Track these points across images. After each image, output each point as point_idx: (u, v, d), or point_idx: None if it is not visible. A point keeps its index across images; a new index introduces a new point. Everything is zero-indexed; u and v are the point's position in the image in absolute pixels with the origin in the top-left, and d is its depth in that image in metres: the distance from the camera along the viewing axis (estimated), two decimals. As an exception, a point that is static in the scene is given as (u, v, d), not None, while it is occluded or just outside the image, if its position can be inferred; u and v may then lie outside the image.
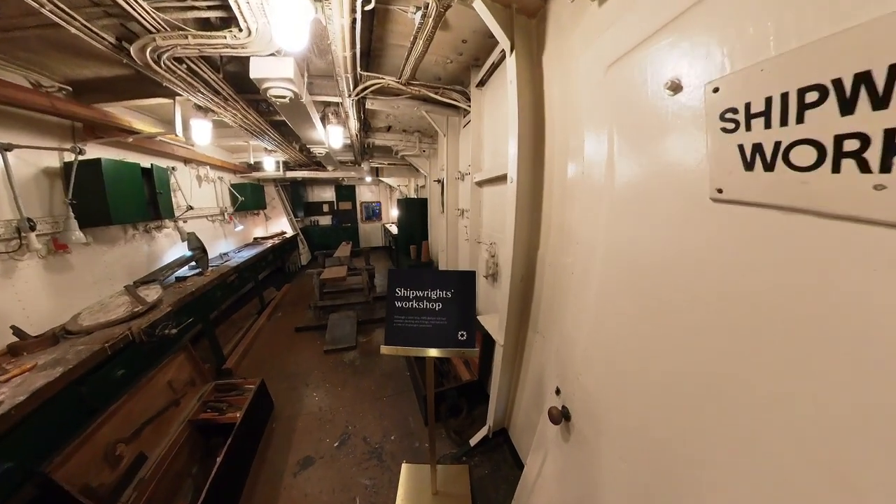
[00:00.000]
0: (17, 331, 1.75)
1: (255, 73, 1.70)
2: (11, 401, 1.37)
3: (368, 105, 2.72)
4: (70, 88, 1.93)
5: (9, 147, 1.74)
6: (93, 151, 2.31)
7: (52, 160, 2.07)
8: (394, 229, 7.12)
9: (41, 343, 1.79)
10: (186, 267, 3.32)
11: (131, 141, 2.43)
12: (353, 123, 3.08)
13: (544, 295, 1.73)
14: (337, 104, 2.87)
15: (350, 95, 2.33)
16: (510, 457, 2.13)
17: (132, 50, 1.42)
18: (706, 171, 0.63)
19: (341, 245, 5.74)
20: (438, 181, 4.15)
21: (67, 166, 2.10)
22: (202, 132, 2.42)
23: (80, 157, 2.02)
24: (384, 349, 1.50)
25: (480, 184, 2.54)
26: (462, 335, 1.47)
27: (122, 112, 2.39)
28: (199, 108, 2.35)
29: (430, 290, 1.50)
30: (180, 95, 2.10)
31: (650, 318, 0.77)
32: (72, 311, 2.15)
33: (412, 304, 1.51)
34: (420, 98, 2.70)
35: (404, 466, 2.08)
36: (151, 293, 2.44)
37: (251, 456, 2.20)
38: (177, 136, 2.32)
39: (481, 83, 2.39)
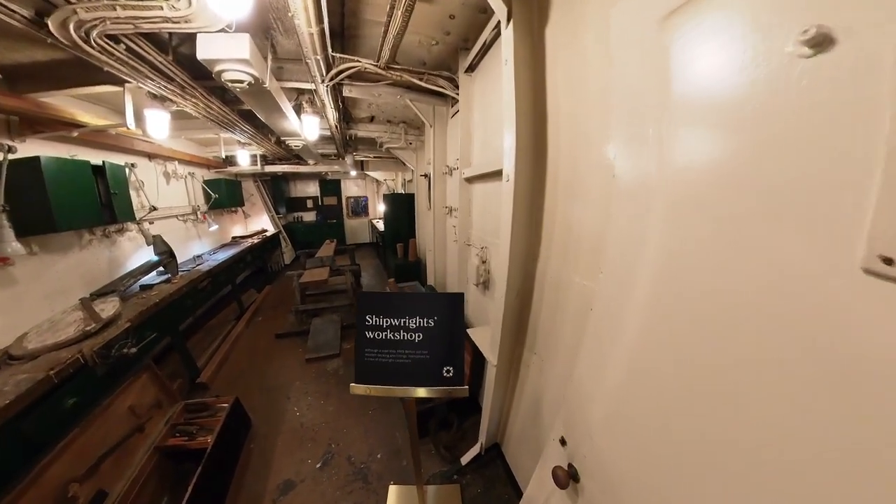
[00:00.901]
0: (-56, 360, 1.58)
1: (203, 52, 1.49)
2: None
3: (346, 92, 2.53)
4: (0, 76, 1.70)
5: None
6: (33, 148, 2.08)
7: None
8: (381, 225, 6.95)
9: (-25, 372, 1.62)
10: (154, 273, 3.12)
11: (76, 135, 2.19)
12: (332, 113, 2.88)
13: (544, 314, 1.59)
14: (311, 91, 2.67)
15: (324, 81, 2.14)
16: (504, 473, 2.08)
17: (51, 26, 1.22)
18: (864, 216, 0.39)
19: (325, 244, 5.55)
20: (425, 176, 4.00)
21: (12, 167, 1.87)
22: (159, 124, 2.20)
23: (12, 156, 1.80)
24: (354, 388, 1.34)
25: (470, 180, 2.41)
26: (448, 371, 1.32)
27: (65, 103, 2.15)
28: (153, 96, 2.13)
29: (407, 317, 1.33)
30: (129, 82, 1.89)
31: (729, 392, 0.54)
32: (17, 331, 1.96)
33: (386, 335, 1.33)
34: (403, 85, 2.53)
35: (392, 488, 2.01)
36: (108, 307, 2.26)
37: (227, 482, 2.08)
38: (129, 128, 2.10)
39: (471, 68, 2.23)
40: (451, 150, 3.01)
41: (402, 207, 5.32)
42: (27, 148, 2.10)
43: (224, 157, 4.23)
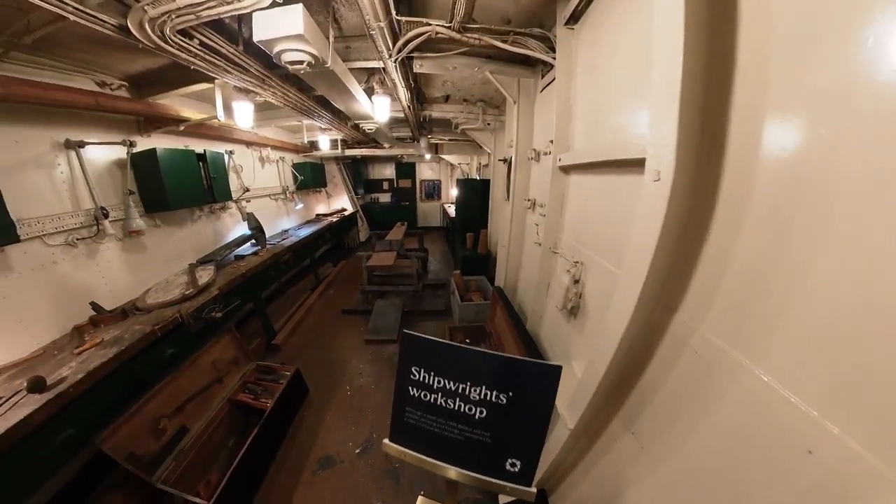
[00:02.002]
0: (95, 306, 2.14)
1: (259, 33, 1.46)
2: (73, 377, 1.65)
3: (417, 68, 2.36)
4: (126, 84, 2.16)
5: (81, 144, 2.05)
6: (154, 142, 2.61)
7: (122, 153, 2.39)
8: (452, 211, 6.87)
9: (113, 318, 2.17)
10: (248, 245, 3.72)
11: (182, 129, 2.67)
12: (403, 93, 2.78)
13: (665, 391, 1.08)
14: (381, 71, 2.60)
15: (391, 56, 1.99)
16: (545, 524, 1.80)
17: (132, 28, 1.37)
18: None
19: (395, 226, 5.79)
20: (504, 161, 3.65)
21: (137, 157, 2.41)
22: (244, 114, 2.48)
23: (137, 149, 2.29)
24: (387, 447, 1.17)
25: (567, 169, 1.99)
26: (513, 465, 1.03)
27: (174, 102, 2.60)
28: (238, 90, 2.39)
29: (469, 384, 1.04)
30: (216, 78, 2.12)
31: None
32: (145, 286, 2.58)
33: (436, 399, 1.07)
34: (482, 54, 2.27)
35: (420, 500, 1.97)
36: (205, 274, 2.76)
37: (280, 441, 2.37)
38: (220, 120, 2.43)
39: (573, 18, 1.78)
40: (540, 130, 2.60)
41: (475, 194, 5.08)
42: (150, 142, 2.63)
43: (308, 142, 4.72)
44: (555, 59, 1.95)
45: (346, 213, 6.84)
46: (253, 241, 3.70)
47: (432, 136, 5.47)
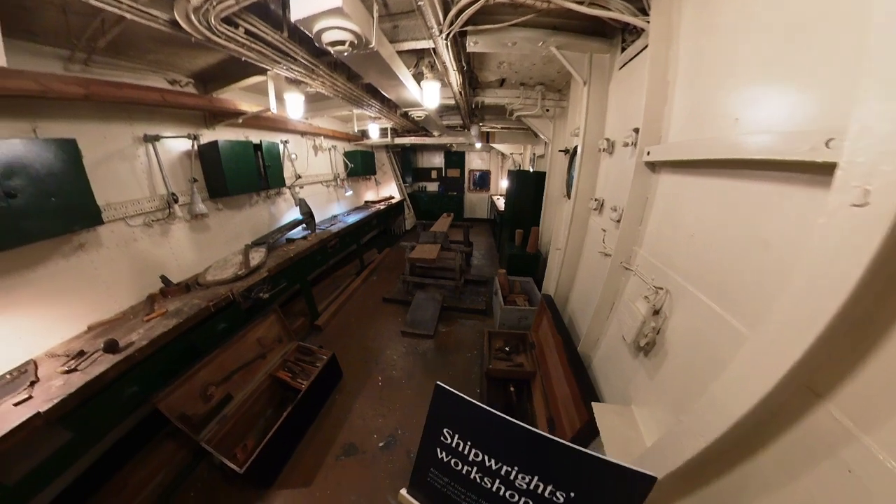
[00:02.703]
0: (164, 279, 2.46)
1: (297, 11, 1.37)
2: (138, 343, 1.91)
3: (471, 46, 2.18)
4: (193, 81, 2.40)
5: (157, 138, 2.35)
6: (221, 134, 2.87)
7: (190, 144, 2.68)
8: (501, 203, 6.57)
9: (178, 291, 2.47)
10: (299, 228, 3.99)
11: (241, 121, 2.89)
12: (455, 77, 2.61)
13: (778, 493, 0.80)
14: (430, 52, 2.46)
15: (442, 32, 1.82)
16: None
17: (180, 21, 1.44)
18: None
19: (441, 217, 5.73)
20: (565, 151, 3.31)
21: (203, 148, 2.69)
22: (294, 105, 2.59)
23: (203, 141, 2.53)
24: (403, 497, 1.07)
25: (656, 166, 1.62)
26: None
27: (233, 96, 2.82)
28: (290, 81, 2.47)
29: (517, 468, 0.86)
30: (268, 69, 2.21)
31: None
32: (207, 263, 2.90)
33: (469, 473, 0.91)
34: (547, 25, 2.02)
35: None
36: (257, 256, 3.00)
37: (311, 420, 2.51)
38: (272, 112, 2.57)
39: None
40: (617, 116, 2.23)
41: (527, 188, 4.74)
42: (215, 134, 2.89)
43: (358, 131, 4.85)
44: (648, 21, 1.58)
45: (394, 201, 6.99)
46: (304, 225, 3.95)
47: (484, 124, 5.22)
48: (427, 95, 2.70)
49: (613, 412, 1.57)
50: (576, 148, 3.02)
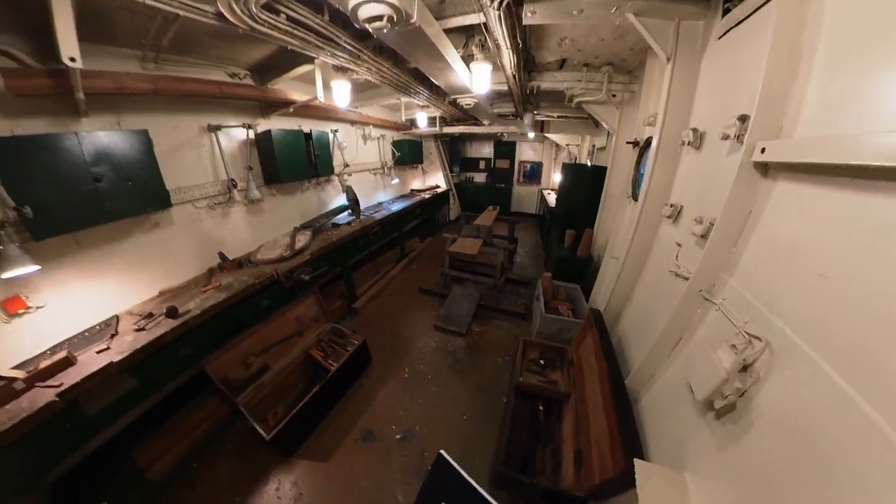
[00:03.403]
0: (222, 256, 2.77)
1: None
2: (193, 312, 2.18)
3: (528, 18, 1.95)
4: (250, 73, 2.61)
5: (218, 127, 2.61)
6: (276, 123, 3.08)
7: (249, 133, 2.93)
8: (552, 199, 6.12)
9: (232, 267, 2.77)
10: (345, 213, 4.19)
11: (292, 111, 3.08)
12: (508, 57, 2.39)
13: None
14: (481, 29, 2.27)
15: (494, 1, 1.65)
16: None
17: (224, 12, 1.51)
18: None
19: (486, 210, 5.56)
20: (634, 143, 2.92)
21: (259, 136, 2.93)
22: (341, 92, 2.65)
23: (259, 131, 2.74)
24: None
25: (771, 169, 1.23)
26: None
27: (285, 86, 2.97)
28: (336, 68, 2.53)
29: None
30: (314, 57, 2.28)
31: None
32: (260, 242, 3.20)
33: None
34: None
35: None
36: (302, 239, 3.22)
37: (336, 400, 2.67)
38: (319, 100, 2.67)
39: None
40: (709, 100, 1.83)
41: (583, 184, 4.33)
42: (270, 124, 3.10)
43: (407, 120, 4.85)
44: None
45: (439, 191, 6.99)
46: (349, 211, 4.14)
47: (538, 113, 4.84)
48: (477, 79, 2.53)
49: (661, 477, 1.31)
50: (648, 140, 2.63)
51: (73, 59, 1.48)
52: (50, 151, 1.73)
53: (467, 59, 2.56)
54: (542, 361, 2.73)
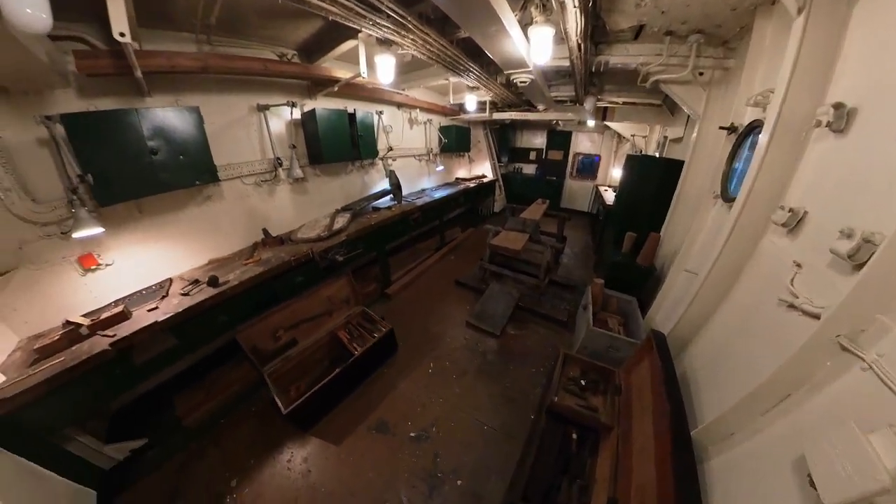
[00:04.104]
0: (265, 232, 2.89)
1: None
2: (232, 283, 2.28)
3: None
4: (297, 53, 2.62)
5: (267, 107, 2.69)
6: (322, 104, 3.09)
7: (296, 114, 2.98)
8: (609, 196, 5.46)
9: (274, 243, 2.87)
10: (387, 198, 4.16)
11: (336, 90, 3.05)
12: (574, 19, 2.07)
13: None
14: None
15: None
16: None
17: None
18: None
19: (534, 204, 5.15)
20: (729, 129, 2.41)
21: (304, 116, 2.96)
22: (385, 68, 2.53)
23: (305, 110, 2.76)
24: None
25: None
26: None
27: (331, 65, 2.95)
28: (380, 42, 2.40)
29: None
30: (359, 30, 2.18)
31: None
32: (302, 222, 3.30)
33: None
34: None
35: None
36: (341, 221, 3.24)
37: (356, 384, 2.65)
38: (363, 76, 2.59)
39: None
40: (871, 64, 1.30)
41: (650, 180, 3.73)
42: (316, 104, 3.10)
43: (453, 104, 4.61)
44: None
45: (486, 181, 6.70)
46: (391, 196, 4.10)
47: (602, 97, 4.27)
48: (536, 46, 2.19)
49: None
50: (753, 124, 2.11)
51: (122, 35, 1.57)
52: (115, 126, 1.89)
53: (524, 28, 2.26)
54: (582, 382, 2.40)
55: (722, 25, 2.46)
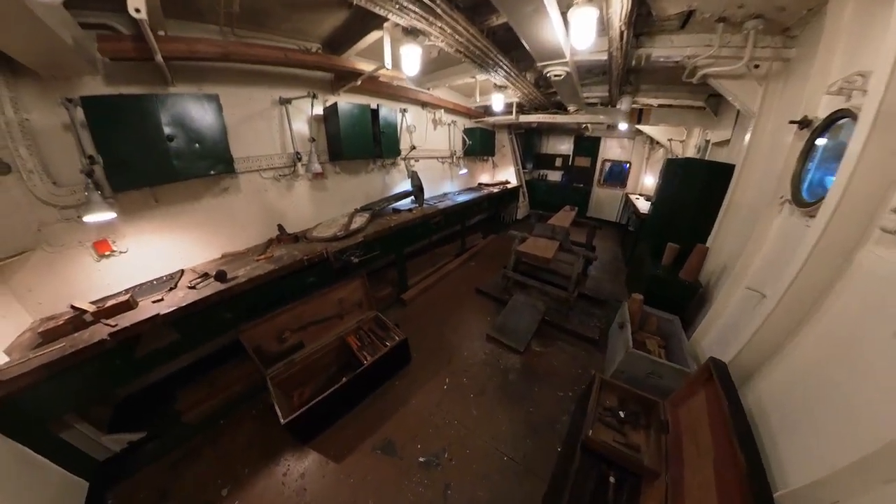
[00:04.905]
0: (280, 228, 2.78)
1: None
2: (240, 279, 2.15)
3: None
4: (321, 47, 2.58)
5: (289, 100, 2.62)
6: (345, 99, 2.99)
7: (318, 108, 2.89)
8: (642, 205, 5.06)
9: (288, 240, 2.75)
10: (408, 200, 4.01)
11: (359, 84, 2.94)
12: (617, 3, 1.90)
13: None
14: None
15: None
16: None
17: None
18: None
19: (562, 210, 4.83)
20: (803, 123, 2.10)
21: (326, 111, 2.87)
22: (410, 59, 2.38)
23: (326, 105, 2.68)
24: None
25: None
26: None
27: (354, 60, 2.85)
28: (406, 32, 2.27)
29: None
30: (385, 19, 2.07)
31: None
32: (319, 218, 3.19)
33: None
34: None
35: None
36: (359, 221, 3.10)
37: (364, 396, 2.43)
38: (387, 68, 2.47)
39: None
40: None
41: (695, 185, 3.37)
42: (338, 100, 2.99)
43: (478, 106, 4.45)
44: None
45: (509, 187, 6.44)
46: (412, 198, 3.94)
47: (638, 96, 3.95)
48: (577, 30, 2.00)
49: None
50: (834, 115, 1.79)
51: (137, 10, 1.50)
52: (132, 109, 1.85)
53: (563, 13, 2.06)
54: (621, 413, 2.06)
55: (786, 8, 2.15)
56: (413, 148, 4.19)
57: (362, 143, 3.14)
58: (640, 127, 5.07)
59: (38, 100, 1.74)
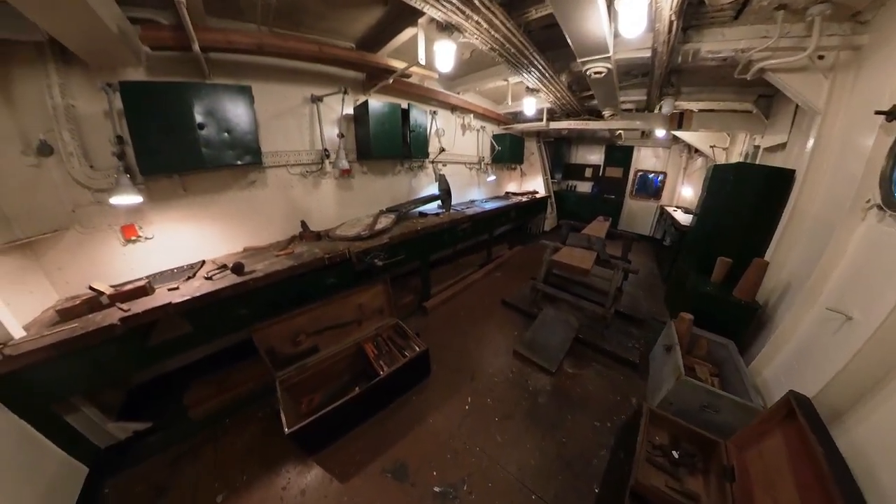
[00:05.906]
0: (303, 225, 2.72)
1: None
2: (257, 273, 2.06)
3: None
4: (354, 46, 2.60)
5: (320, 98, 2.63)
6: (377, 99, 2.96)
7: (348, 107, 2.87)
8: (682, 217, 4.69)
9: (311, 237, 2.67)
10: (435, 205, 3.90)
11: (391, 82, 2.88)
12: None
13: None
14: None
15: None
16: None
17: None
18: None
19: (596, 220, 4.55)
20: (892, 114, 1.81)
21: (356, 109, 2.84)
22: (444, 55, 2.30)
23: (357, 103, 2.68)
24: None
25: None
26: None
27: (387, 59, 2.80)
28: (441, 28, 2.21)
29: None
30: (421, 13, 2.01)
31: None
32: (344, 218, 3.12)
33: None
34: None
35: None
36: (385, 222, 2.99)
37: (378, 410, 2.23)
38: (420, 64, 2.41)
39: None
40: None
41: (748, 192, 3.02)
42: (370, 99, 2.93)
43: (508, 113, 4.34)
44: None
45: (538, 196, 6.19)
46: (439, 202, 3.83)
47: (681, 99, 3.68)
48: (626, 17, 1.88)
49: None
50: None
51: None
52: (166, 96, 1.87)
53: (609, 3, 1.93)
54: (674, 452, 1.76)
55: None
56: (442, 150, 4.11)
57: (392, 141, 3.06)
58: (678, 133, 4.76)
59: (84, 88, 1.81)
